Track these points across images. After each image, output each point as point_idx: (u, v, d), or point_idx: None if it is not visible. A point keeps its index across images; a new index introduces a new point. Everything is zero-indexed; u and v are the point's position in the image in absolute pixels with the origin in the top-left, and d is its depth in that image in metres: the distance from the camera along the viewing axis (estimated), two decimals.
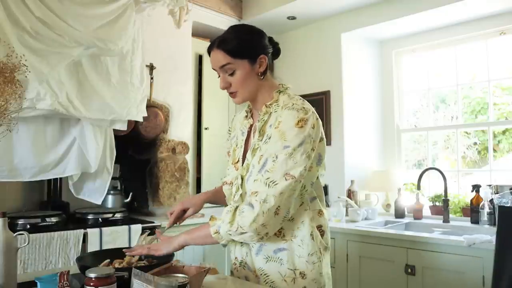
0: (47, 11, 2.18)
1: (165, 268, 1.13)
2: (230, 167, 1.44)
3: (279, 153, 1.24)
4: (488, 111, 3.18)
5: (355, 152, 3.48)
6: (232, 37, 1.34)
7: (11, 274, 1.19)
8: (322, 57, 3.61)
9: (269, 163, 1.25)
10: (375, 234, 2.63)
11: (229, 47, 1.32)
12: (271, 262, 1.31)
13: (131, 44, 2.58)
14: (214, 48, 1.35)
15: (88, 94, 2.42)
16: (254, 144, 1.34)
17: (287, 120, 1.26)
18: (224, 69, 1.34)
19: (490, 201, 2.66)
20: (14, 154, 2.26)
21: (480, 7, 2.91)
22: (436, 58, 3.47)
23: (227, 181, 1.44)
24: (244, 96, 1.38)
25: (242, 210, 1.23)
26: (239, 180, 1.35)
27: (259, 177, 1.25)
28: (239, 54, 1.32)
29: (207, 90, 3.53)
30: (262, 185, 1.23)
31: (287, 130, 1.24)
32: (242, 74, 1.33)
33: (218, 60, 1.34)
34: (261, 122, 1.35)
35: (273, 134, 1.28)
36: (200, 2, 3.43)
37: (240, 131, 1.47)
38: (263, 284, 1.31)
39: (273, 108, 1.35)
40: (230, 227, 1.23)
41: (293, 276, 1.30)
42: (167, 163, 3.07)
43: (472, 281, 2.19)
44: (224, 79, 1.36)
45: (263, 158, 1.27)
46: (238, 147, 1.44)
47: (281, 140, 1.24)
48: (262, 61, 1.35)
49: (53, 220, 2.40)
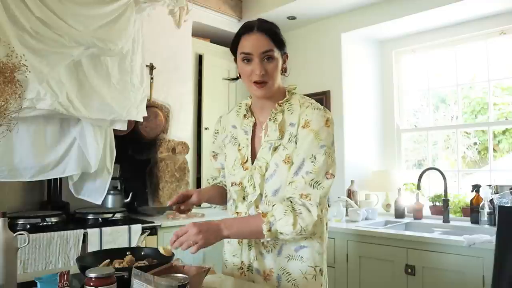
0: (47, 11, 2.18)
1: (165, 268, 1.13)
2: (236, 168, 1.39)
3: (316, 153, 1.26)
4: (488, 111, 3.18)
5: (355, 152, 3.48)
6: (271, 25, 1.31)
7: (11, 274, 1.19)
8: (322, 57, 3.61)
9: (308, 164, 1.26)
10: (375, 234, 2.63)
11: (274, 33, 1.29)
12: (292, 261, 1.32)
13: (131, 44, 2.58)
14: (255, 31, 1.29)
15: (88, 94, 2.42)
16: (273, 143, 1.32)
17: (317, 120, 1.28)
18: (265, 55, 1.28)
19: (490, 201, 2.66)
20: (14, 154, 2.26)
21: (480, 7, 2.91)
22: (436, 58, 3.47)
23: (235, 181, 1.38)
24: (272, 89, 1.32)
25: (300, 211, 1.23)
26: (257, 180, 1.32)
27: (299, 179, 1.25)
28: (279, 43, 1.31)
29: (207, 90, 3.53)
30: (308, 187, 1.24)
31: (320, 130, 1.27)
32: (277, 65, 1.31)
33: (260, 44, 1.27)
34: (273, 121, 1.34)
35: (302, 133, 1.28)
36: (200, 2, 3.43)
37: (241, 130, 1.43)
38: (285, 283, 1.31)
39: (285, 106, 1.35)
40: (293, 229, 1.21)
41: (313, 273, 1.32)
42: (167, 163, 3.08)
43: (472, 281, 2.19)
44: (262, 66, 1.28)
45: (297, 159, 1.27)
46: (243, 147, 1.40)
47: (317, 140, 1.26)
48: (285, 59, 1.37)
49: (53, 220, 2.40)
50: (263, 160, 1.33)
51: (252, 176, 1.33)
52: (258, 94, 1.33)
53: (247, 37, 1.29)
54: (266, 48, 1.28)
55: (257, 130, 1.40)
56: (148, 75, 2.94)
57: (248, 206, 1.35)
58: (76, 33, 2.26)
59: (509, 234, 1.90)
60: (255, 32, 1.28)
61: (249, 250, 1.36)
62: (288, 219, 1.21)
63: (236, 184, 1.39)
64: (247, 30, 1.30)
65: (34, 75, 2.12)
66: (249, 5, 3.71)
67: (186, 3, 2.73)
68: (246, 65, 1.31)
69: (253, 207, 1.34)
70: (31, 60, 2.11)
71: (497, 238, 1.93)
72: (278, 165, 1.30)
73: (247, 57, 1.29)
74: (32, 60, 2.12)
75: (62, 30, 2.21)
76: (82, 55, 2.36)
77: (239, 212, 1.39)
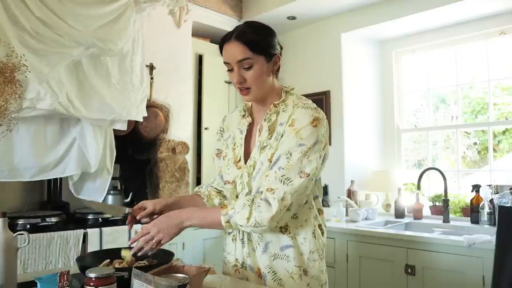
0: (47, 11, 2.18)
1: (165, 268, 1.13)
2: (230, 167, 1.42)
3: (293, 151, 1.25)
4: (488, 111, 3.18)
5: (355, 152, 3.48)
6: (251, 32, 1.30)
7: (11, 274, 1.19)
8: (322, 57, 3.61)
9: (282, 160, 1.25)
10: (375, 234, 2.63)
11: (249, 40, 1.28)
12: (278, 260, 1.32)
13: (131, 44, 2.58)
14: (232, 40, 1.29)
15: (88, 94, 2.42)
16: (262, 142, 1.34)
17: (302, 119, 1.27)
18: (241, 63, 1.29)
19: (490, 201, 2.66)
20: (14, 154, 2.26)
21: (480, 7, 2.91)
22: (436, 58, 3.47)
23: (229, 180, 1.41)
24: (256, 94, 1.34)
25: (258, 204, 1.22)
26: (245, 178, 1.34)
27: (271, 173, 1.25)
28: (258, 49, 1.29)
29: (207, 90, 3.53)
30: (277, 182, 1.23)
31: (302, 128, 1.26)
32: (259, 71, 1.30)
33: (235, 53, 1.28)
34: (268, 121, 1.35)
35: (287, 131, 1.29)
36: (200, 2, 3.43)
37: (237, 129, 1.45)
38: (270, 282, 1.31)
39: (281, 107, 1.35)
40: (247, 222, 1.22)
41: (299, 273, 1.32)
42: (167, 163, 3.08)
43: (472, 281, 2.19)
44: (240, 74, 1.30)
45: (275, 155, 1.28)
46: (237, 146, 1.42)
47: (296, 137, 1.25)
48: (276, 61, 1.36)
49: (53, 220, 2.40)
50: (253, 159, 1.35)
51: (242, 175, 1.36)
52: (245, 99, 1.38)
53: (226, 46, 1.31)
54: (242, 57, 1.28)
55: (253, 130, 1.42)
56: (148, 75, 2.94)
57: None
58: (76, 33, 2.26)
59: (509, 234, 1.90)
60: (232, 40, 1.29)
61: (242, 248, 1.37)
62: (244, 212, 1.22)
63: (229, 182, 1.41)
64: (226, 38, 1.32)
65: (34, 75, 2.12)
66: (249, 5, 3.71)
67: (186, 3, 2.73)
68: (230, 73, 1.34)
69: None
70: (31, 60, 2.11)
71: (497, 238, 1.93)
72: (263, 163, 1.31)
73: (227, 66, 1.33)
74: (32, 60, 2.12)
75: (62, 30, 2.21)
76: (82, 55, 2.35)
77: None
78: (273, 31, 1.38)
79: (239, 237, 1.37)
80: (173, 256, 1.35)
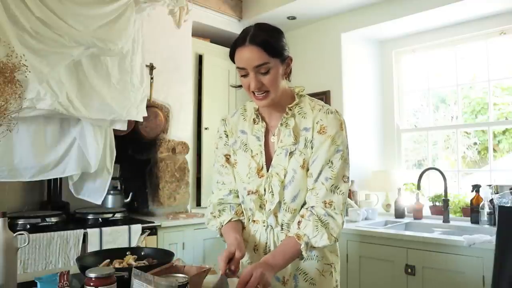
0: (47, 11, 2.18)
1: (165, 268, 1.13)
2: (251, 176, 1.34)
3: (333, 158, 1.28)
4: (488, 111, 3.18)
5: (355, 152, 3.46)
6: (264, 34, 1.25)
7: (11, 274, 1.19)
8: (322, 57, 3.61)
9: (326, 170, 1.28)
10: (375, 234, 2.63)
11: (265, 43, 1.23)
12: (308, 261, 1.34)
13: (131, 44, 2.58)
14: (246, 44, 1.23)
15: (88, 94, 2.42)
16: (288, 148, 1.31)
17: (333, 125, 1.30)
18: (259, 68, 1.23)
19: (490, 201, 2.66)
20: (14, 154, 2.26)
21: (480, 7, 2.91)
22: (436, 58, 3.47)
23: (252, 190, 1.34)
24: (273, 98, 1.29)
25: (327, 222, 1.26)
26: (276, 187, 1.30)
27: (319, 186, 1.28)
28: (274, 52, 1.24)
29: (207, 90, 3.53)
30: (330, 193, 1.27)
31: (336, 134, 1.29)
32: (275, 74, 1.26)
33: (252, 58, 1.22)
34: (285, 126, 1.33)
35: (319, 139, 1.29)
36: (200, 2, 3.43)
37: (253, 136, 1.38)
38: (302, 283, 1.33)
39: (296, 110, 1.34)
40: (329, 242, 1.24)
41: (330, 270, 1.36)
42: (167, 163, 3.08)
43: (472, 281, 2.19)
44: (257, 79, 1.24)
45: (314, 165, 1.29)
46: (256, 154, 1.36)
47: (333, 145, 1.28)
48: (289, 62, 1.32)
49: (53, 220, 2.40)
50: (280, 166, 1.31)
51: (270, 184, 1.31)
52: (260, 105, 1.32)
53: (241, 51, 1.25)
54: (259, 62, 1.23)
55: (268, 135, 1.37)
56: (148, 75, 2.94)
57: (267, 215, 1.34)
58: (76, 33, 2.26)
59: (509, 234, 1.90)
60: (248, 45, 1.23)
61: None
62: (323, 234, 1.24)
63: (252, 192, 1.34)
64: (240, 42, 1.25)
65: (34, 75, 2.12)
66: (249, 5, 3.71)
67: (186, 3, 2.73)
68: (243, 78, 1.28)
69: (272, 215, 1.33)
70: (31, 60, 2.11)
71: (497, 238, 1.93)
72: (296, 171, 1.29)
73: (242, 71, 1.26)
74: (32, 60, 2.12)
75: (62, 30, 2.21)
76: (82, 55, 2.35)
77: (256, 220, 1.37)
78: (283, 32, 1.34)
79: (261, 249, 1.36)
80: (173, 256, 1.35)
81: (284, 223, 1.33)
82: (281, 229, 1.34)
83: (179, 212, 3.11)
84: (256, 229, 1.38)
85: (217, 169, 1.46)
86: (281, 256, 1.23)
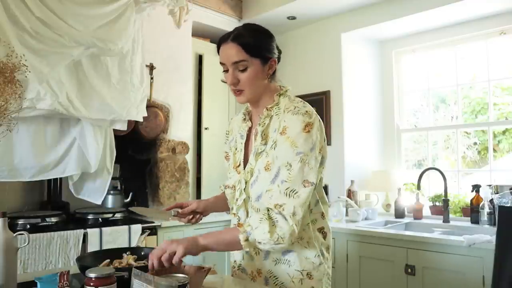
0: (47, 11, 2.18)
1: (165, 268, 1.13)
2: (231, 171, 1.41)
3: (292, 161, 1.22)
4: (488, 111, 3.18)
5: (355, 152, 3.48)
6: (248, 34, 1.30)
7: (11, 274, 1.19)
8: (322, 57, 3.61)
9: (283, 172, 1.22)
10: (375, 234, 2.63)
11: (246, 42, 1.28)
12: (280, 264, 1.32)
13: (131, 44, 2.58)
14: (228, 41, 1.30)
15: (88, 94, 2.42)
16: (257, 148, 1.32)
17: (294, 126, 1.24)
18: (236, 65, 1.29)
19: (490, 201, 2.66)
20: (14, 154, 2.26)
21: (480, 7, 2.91)
22: (436, 58, 3.47)
23: (229, 184, 1.40)
24: (249, 96, 1.34)
25: (276, 219, 1.19)
26: (243, 185, 1.33)
27: (274, 188, 1.23)
28: (254, 52, 1.29)
29: (207, 90, 3.53)
30: (283, 196, 1.20)
31: (296, 136, 1.23)
32: (253, 73, 1.30)
33: (231, 54, 1.29)
34: (262, 126, 1.33)
35: (280, 140, 1.26)
36: (200, 2, 3.43)
37: (238, 134, 1.44)
38: (272, 286, 1.32)
39: (274, 111, 1.34)
40: (269, 237, 1.17)
41: (300, 277, 1.31)
42: (167, 163, 3.08)
43: (472, 281, 2.19)
44: (234, 75, 1.30)
45: (274, 167, 1.25)
46: (238, 151, 1.42)
47: (292, 147, 1.23)
48: (272, 64, 1.35)
49: (53, 220, 2.40)
50: (250, 165, 1.34)
51: (240, 181, 1.35)
52: (238, 101, 1.37)
53: (222, 47, 1.32)
54: (237, 59, 1.28)
55: (251, 134, 1.41)
56: (148, 75, 2.94)
57: (237, 209, 1.37)
58: (76, 33, 2.26)
59: (509, 234, 1.90)
60: (229, 42, 1.29)
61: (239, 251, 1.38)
62: (264, 227, 1.18)
63: (229, 187, 1.41)
64: (223, 39, 1.32)
65: (34, 75, 2.12)
66: (249, 5, 3.71)
67: (186, 3, 2.73)
68: (225, 73, 1.34)
69: (243, 210, 1.35)
70: (31, 60, 2.11)
71: (497, 238, 1.93)
72: (260, 171, 1.30)
73: (223, 66, 1.33)
74: (32, 60, 2.12)
75: (62, 30, 2.21)
76: (82, 55, 2.36)
77: (234, 214, 1.41)
78: (271, 34, 1.37)
79: None
80: None
81: None
82: None
83: None
84: (234, 222, 1.43)
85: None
86: (214, 238, 1.24)
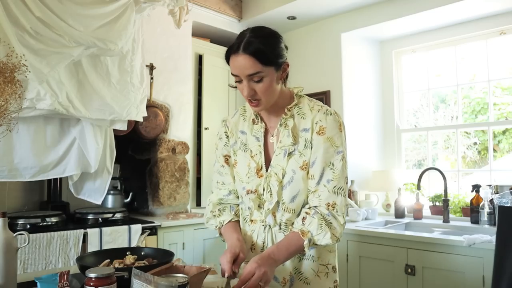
0: (47, 11, 2.17)
1: (165, 268, 1.13)
2: (251, 175, 1.36)
3: (334, 160, 1.29)
4: (488, 111, 3.18)
5: (355, 152, 3.48)
6: (259, 42, 1.23)
7: (11, 274, 1.19)
8: (322, 57, 3.61)
9: (328, 172, 1.29)
10: (375, 234, 2.63)
11: (258, 52, 1.21)
12: (304, 260, 1.35)
13: (131, 44, 2.58)
14: (239, 52, 1.22)
15: (88, 94, 2.42)
16: (287, 149, 1.32)
17: (331, 126, 1.31)
18: (251, 77, 1.24)
19: (490, 201, 2.66)
20: (14, 154, 2.26)
21: (480, 7, 2.91)
22: (436, 58, 3.47)
23: (251, 189, 1.35)
24: (266, 105, 1.30)
25: (330, 221, 1.28)
26: (275, 187, 1.31)
27: (322, 188, 1.29)
28: (268, 61, 1.23)
29: (207, 90, 3.53)
30: (333, 195, 1.28)
31: (335, 136, 1.30)
32: (269, 82, 1.25)
33: (245, 67, 1.22)
34: (285, 126, 1.33)
35: (318, 140, 1.30)
36: (200, 2, 3.43)
37: (252, 136, 1.39)
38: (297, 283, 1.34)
39: (294, 110, 1.35)
40: (331, 241, 1.26)
41: (326, 271, 1.36)
42: (167, 163, 3.08)
43: (472, 281, 2.19)
44: (250, 87, 1.25)
45: (316, 167, 1.29)
46: (255, 154, 1.37)
47: (333, 146, 1.30)
48: (285, 68, 1.31)
49: (53, 220, 2.40)
50: (279, 167, 1.32)
51: (268, 184, 1.32)
52: (255, 110, 1.35)
53: (234, 58, 1.24)
54: (252, 72, 1.22)
55: (268, 136, 1.38)
56: (148, 75, 2.94)
57: (266, 214, 1.34)
58: (76, 33, 2.26)
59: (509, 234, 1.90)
60: (241, 53, 1.22)
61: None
62: (326, 233, 1.26)
63: (252, 192, 1.35)
64: (235, 49, 1.24)
65: (34, 75, 2.12)
66: (249, 5, 3.71)
67: (186, 3, 2.73)
68: (238, 84, 1.29)
69: (270, 215, 1.34)
70: (31, 60, 2.11)
71: (497, 238, 1.93)
72: (295, 171, 1.30)
73: (237, 78, 1.27)
74: (32, 60, 2.12)
75: (62, 30, 2.21)
76: (82, 55, 2.35)
77: (254, 220, 1.38)
78: (280, 36, 1.31)
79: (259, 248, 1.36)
80: (173, 256, 1.35)
81: (283, 223, 1.34)
82: (279, 228, 1.34)
83: (179, 212, 3.11)
84: (254, 229, 1.39)
85: (217, 169, 1.48)
86: (285, 250, 1.25)
